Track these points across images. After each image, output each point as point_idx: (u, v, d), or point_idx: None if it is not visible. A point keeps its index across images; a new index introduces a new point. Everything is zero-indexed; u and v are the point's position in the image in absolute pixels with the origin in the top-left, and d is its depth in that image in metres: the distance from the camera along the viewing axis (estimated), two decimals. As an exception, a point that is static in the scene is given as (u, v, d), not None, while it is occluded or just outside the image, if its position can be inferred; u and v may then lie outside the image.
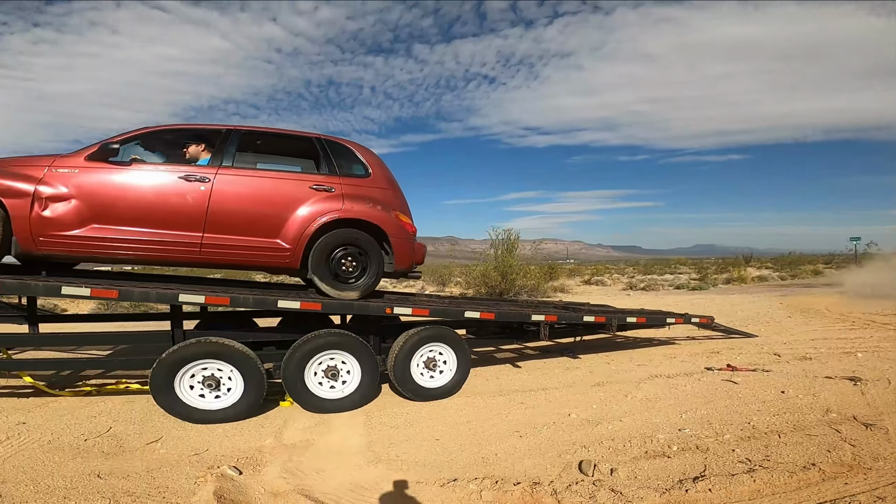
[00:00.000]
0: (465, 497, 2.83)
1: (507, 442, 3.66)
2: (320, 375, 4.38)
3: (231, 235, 4.40)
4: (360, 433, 3.89)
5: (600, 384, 5.27)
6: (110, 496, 2.75)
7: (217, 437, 3.71)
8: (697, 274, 27.45)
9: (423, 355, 4.83)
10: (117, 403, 4.40)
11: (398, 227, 4.88)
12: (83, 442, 3.52)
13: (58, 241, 4.08)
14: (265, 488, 2.95)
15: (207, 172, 4.40)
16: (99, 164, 4.20)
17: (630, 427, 3.88)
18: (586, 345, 7.65)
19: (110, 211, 4.17)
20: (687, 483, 2.86)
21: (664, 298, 15.88)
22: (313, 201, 4.58)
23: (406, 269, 5.02)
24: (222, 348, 4.03)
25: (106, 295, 3.89)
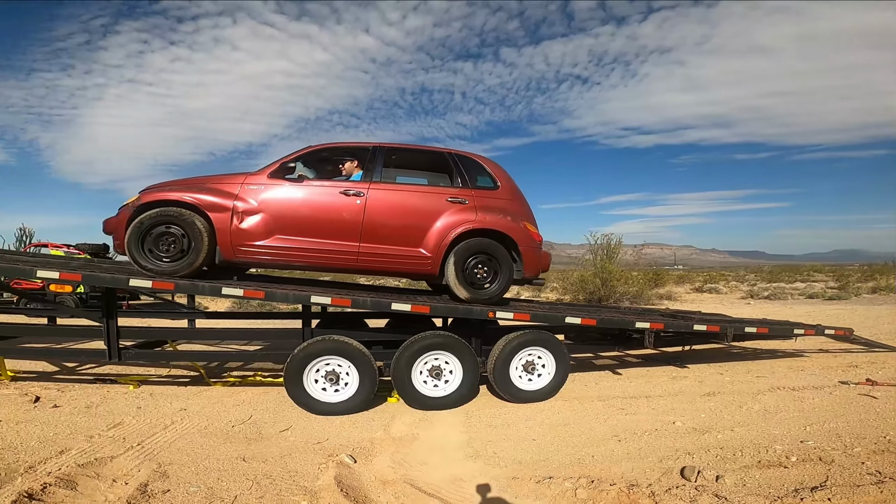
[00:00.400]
0: (559, 493, 2.91)
1: (604, 445, 3.66)
2: (425, 374, 4.68)
3: (382, 245, 4.84)
4: (460, 430, 4.11)
5: (711, 394, 5.00)
6: (253, 478, 3.15)
7: (335, 428, 4.14)
8: (836, 282, 24.13)
9: (522, 359, 4.94)
10: (255, 394, 5.05)
11: (526, 236, 5.12)
12: (231, 428, 4.08)
13: (251, 251, 4.68)
14: (376, 476, 3.25)
15: (362, 187, 4.88)
16: (278, 180, 4.79)
17: (743, 437, 3.68)
18: (696, 355, 7.22)
19: (289, 222, 4.74)
20: (803, 492, 2.68)
21: (793, 309, 14.28)
22: (450, 213, 4.93)
23: (533, 277, 5.23)
24: (344, 346, 4.49)
25: (255, 295, 4.50)
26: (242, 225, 4.63)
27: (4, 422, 3.77)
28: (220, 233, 4.61)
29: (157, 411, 4.33)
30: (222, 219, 4.61)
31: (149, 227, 4.50)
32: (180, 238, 4.53)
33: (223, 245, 4.63)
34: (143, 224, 4.49)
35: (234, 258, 4.69)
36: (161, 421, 4.06)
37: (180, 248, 4.54)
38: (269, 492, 2.93)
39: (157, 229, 4.52)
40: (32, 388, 4.75)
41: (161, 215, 4.52)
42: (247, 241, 4.64)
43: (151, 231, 4.51)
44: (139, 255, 4.51)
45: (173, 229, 4.53)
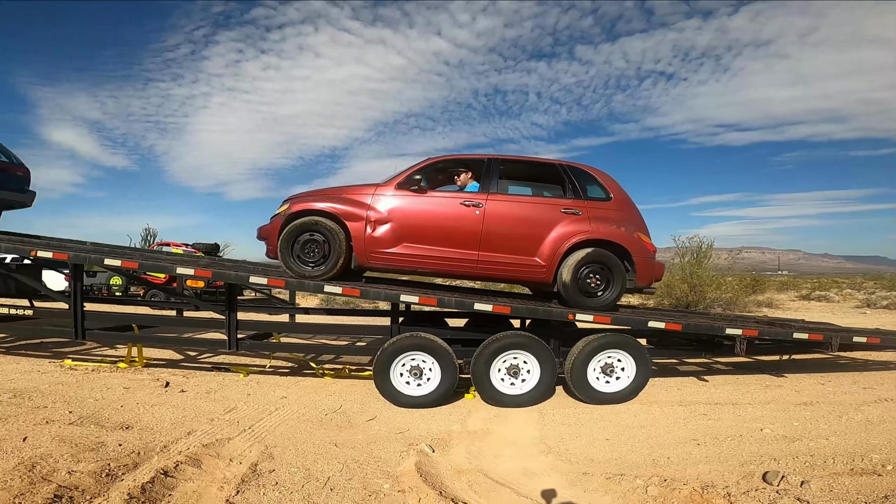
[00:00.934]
0: (629, 490, 2.96)
1: (682, 448, 3.62)
2: (503, 372, 4.85)
3: (499, 253, 5.08)
4: (533, 427, 4.24)
5: (807, 403, 4.70)
6: (343, 461, 3.47)
7: (415, 420, 4.42)
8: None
9: (601, 361, 4.95)
10: (345, 385, 5.49)
11: (640, 246, 5.20)
12: (324, 416, 4.49)
13: (382, 257, 5.04)
14: (452, 465, 3.46)
15: (480, 199, 5.13)
16: (405, 191, 5.10)
17: (837, 446, 3.48)
18: (796, 364, 6.72)
19: (415, 231, 5.05)
20: (894, 499, 2.52)
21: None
22: (564, 224, 5.08)
23: (645, 286, 5.31)
24: (429, 342, 4.79)
25: (352, 293, 4.94)
26: (375, 233, 4.99)
27: (142, 404, 4.43)
28: (355, 240, 5.00)
29: (264, 398, 4.86)
30: (358, 227, 4.99)
31: (296, 234, 4.99)
32: (322, 244, 4.98)
33: (358, 251, 5.01)
34: (292, 232, 4.98)
35: (367, 263, 5.09)
36: (267, 407, 4.57)
37: (322, 253, 4.99)
38: (357, 475, 3.23)
39: (303, 236, 4.99)
40: (162, 374, 5.52)
41: (307, 224, 4.98)
42: (378, 248, 5.00)
43: (299, 238, 5.00)
44: (289, 259, 5.01)
45: (316, 236, 4.99)
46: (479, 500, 2.98)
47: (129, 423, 3.91)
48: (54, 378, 5.13)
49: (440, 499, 2.93)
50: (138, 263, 5.19)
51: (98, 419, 3.96)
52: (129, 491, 2.72)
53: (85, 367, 5.68)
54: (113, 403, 4.38)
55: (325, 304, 12.34)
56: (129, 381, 5.18)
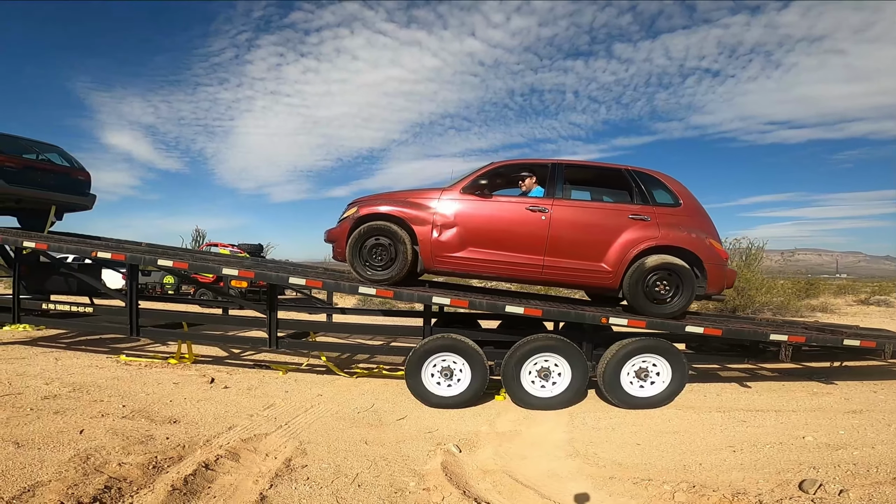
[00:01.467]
0: (656, 495, 2.92)
1: (716, 455, 3.52)
2: (534, 375, 4.84)
3: (565, 259, 5.09)
4: (562, 430, 4.22)
5: (856, 412, 4.47)
6: (372, 459, 3.57)
7: (444, 420, 4.48)
8: None
9: (636, 365, 4.87)
10: (377, 385, 5.61)
11: (712, 253, 5.15)
12: (356, 414, 4.62)
13: (448, 261, 5.09)
14: (478, 466, 3.50)
15: (546, 204, 5.13)
16: (471, 196, 5.15)
17: (883, 454, 3.31)
18: (847, 371, 6.35)
19: (481, 236, 5.10)
20: (942, 515, 2.38)
21: None
22: (632, 230, 5.06)
23: (715, 293, 5.24)
24: (460, 343, 4.85)
25: (386, 294, 5.05)
26: (441, 237, 5.06)
27: (188, 399, 4.68)
28: (422, 244, 5.07)
29: (301, 395, 5.05)
30: (424, 231, 5.06)
31: (364, 238, 5.09)
32: (389, 248, 5.08)
33: (425, 255, 5.08)
34: (360, 235, 5.08)
35: (433, 267, 5.14)
36: (303, 404, 4.75)
37: (389, 257, 5.08)
38: (384, 472, 3.32)
39: (370, 240, 5.09)
40: (209, 371, 5.82)
41: (374, 228, 5.09)
42: (445, 252, 5.07)
43: (366, 242, 5.10)
44: (357, 262, 5.12)
45: (383, 240, 5.08)
46: (502, 501, 3.01)
47: (176, 418, 4.15)
48: (111, 373, 5.49)
49: (463, 498, 2.97)
50: (188, 264, 5.51)
51: (149, 413, 4.22)
52: (173, 483, 2.90)
53: (139, 362, 6.06)
54: (163, 398, 4.66)
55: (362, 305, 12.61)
56: (178, 376, 5.50)
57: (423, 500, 2.95)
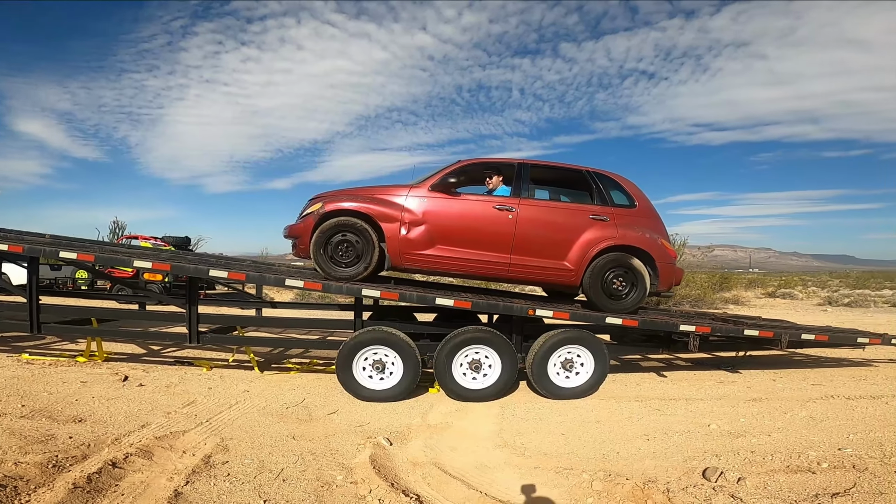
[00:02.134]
0: (576, 484, 3.05)
1: (632, 443, 3.73)
2: (465, 367, 4.91)
3: (530, 257, 5.23)
4: (492, 421, 4.31)
5: (756, 399, 4.88)
6: (299, 454, 3.51)
7: (377, 414, 4.46)
8: (935, 287, 21.75)
9: (561, 356, 5.05)
10: (310, 379, 5.50)
11: (663, 252, 5.44)
12: (285, 409, 4.50)
13: (416, 258, 5.12)
14: (408, 458, 3.52)
15: (513, 203, 5.25)
16: (439, 193, 5.17)
17: (778, 442, 3.63)
18: (752, 361, 6.96)
19: (449, 234, 5.14)
20: (823, 497, 2.67)
21: (873, 317, 13.12)
22: (593, 229, 5.28)
23: (666, 290, 5.58)
24: (391, 336, 4.82)
25: (314, 287, 4.92)
26: (409, 235, 5.05)
27: (97, 398, 4.36)
28: (389, 241, 5.04)
29: (225, 392, 4.85)
30: (392, 228, 5.04)
31: (330, 234, 5.00)
32: (355, 245, 5.02)
33: (392, 252, 5.06)
34: (325, 231, 4.98)
35: (401, 265, 5.15)
36: (227, 401, 4.56)
37: (356, 254, 5.03)
38: (312, 466, 3.29)
39: (336, 237, 5.01)
40: (122, 368, 5.45)
41: (341, 224, 4.99)
42: (413, 249, 5.08)
43: (332, 238, 5.01)
44: (322, 259, 5.02)
45: (349, 237, 5.01)
46: (431, 493, 3.04)
47: (82, 417, 3.87)
48: (10, 372, 5.02)
49: (391, 490, 2.99)
50: (95, 256, 5.07)
51: (51, 413, 3.90)
52: (75, 481, 2.72)
53: (42, 361, 5.56)
54: (67, 397, 4.32)
55: (300, 299, 12.26)
56: (86, 375, 5.10)
57: (351, 493, 2.94)
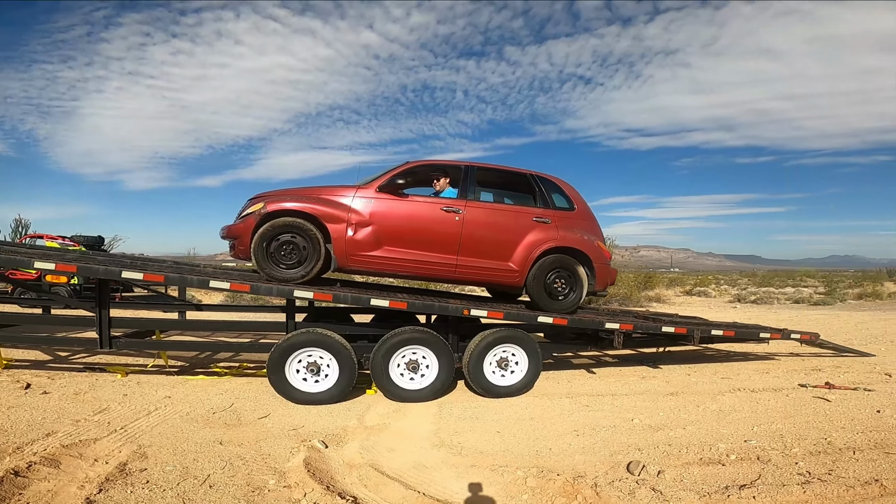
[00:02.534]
0: (511, 481, 3.14)
1: (563, 439, 3.88)
2: (402, 367, 4.90)
3: (477, 258, 5.33)
4: (430, 421, 4.34)
5: (674, 394, 5.23)
6: (227, 459, 3.37)
7: (312, 416, 4.35)
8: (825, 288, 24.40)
9: (497, 355, 5.16)
10: (240, 384, 5.27)
11: (599, 253, 5.70)
12: (211, 414, 4.30)
13: (363, 260, 5.08)
14: (344, 460, 3.47)
15: (459, 205, 5.31)
16: (386, 194, 5.15)
17: (692, 435, 3.90)
18: (671, 356, 7.46)
19: (397, 235, 5.13)
20: (732, 489, 2.90)
21: (776, 313, 14.54)
22: (536, 231, 5.45)
23: (601, 289, 5.82)
24: (326, 338, 4.70)
25: (241, 289, 4.69)
26: (356, 236, 5.00)
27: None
28: (336, 242, 4.96)
29: (143, 398, 4.54)
30: (339, 229, 4.96)
31: (273, 235, 4.84)
32: (300, 246, 4.89)
33: (339, 254, 4.99)
34: (268, 232, 4.82)
35: (347, 266, 5.08)
36: (145, 407, 4.27)
37: (301, 256, 4.90)
38: (241, 471, 3.17)
39: (279, 238, 4.86)
40: (24, 376, 4.97)
41: (284, 225, 4.85)
42: (360, 251, 5.03)
43: (275, 239, 4.86)
44: (264, 261, 4.86)
45: (294, 238, 4.88)
46: (368, 494, 3.02)
47: (-25, 428, 3.48)
48: None
49: (327, 493, 2.94)
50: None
51: (-62, 425, 3.48)
52: (-30, 494, 2.46)
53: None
54: (-42, 407, 3.86)
55: (231, 301, 11.69)
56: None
57: (284, 497, 2.86)
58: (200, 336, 6.85)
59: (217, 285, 4.64)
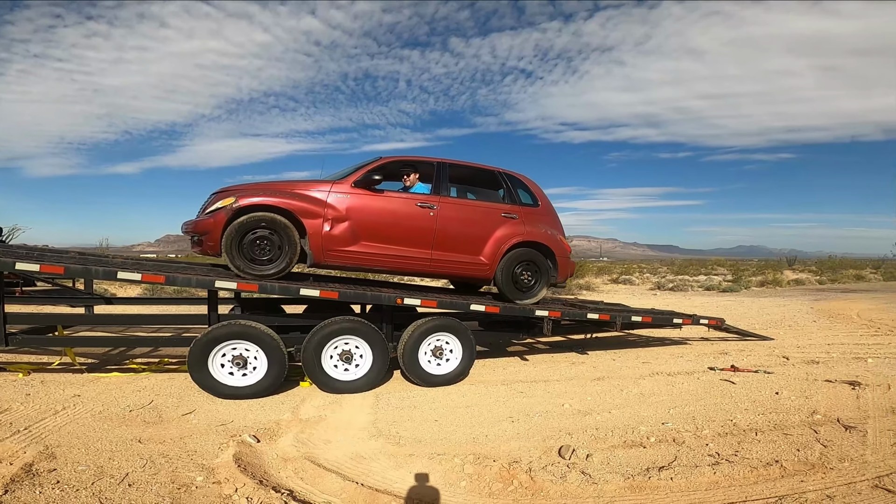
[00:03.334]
0: (448, 468, 3.19)
1: (499, 426, 3.99)
2: (336, 358, 4.82)
3: (450, 252, 5.51)
4: (367, 412, 4.30)
5: (600, 378, 5.52)
6: (147, 457, 3.21)
7: (242, 411, 4.19)
8: (732, 276, 26.75)
9: (431, 344, 5.21)
10: (160, 380, 4.97)
11: (561, 247, 6.05)
12: (128, 413, 4.04)
13: (339, 255, 5.07)
14: (277, 454, 3.38)
15: (434, 201, 5.46)
16: (362, 190, 5.16)
17: (617, 418, 4.14)
18: (598, 342, 7.86)
19: (374, 230, 5.17)
20: (652, 471, 3.11)
21: (691, 299, 15.72)
22: (504, 227, 5.73)
23: (562, 281, 6.21)
24: (250, 330, 4.51)
25: (154, 280, 4.39)
26: (333, 231, 5.00)
27: None
28: (312, 237, 4.94)
29: (48, 398, 4.18)
30: (315, 224, 4.94)
31: (245, 231, 4.72)
32: (273, 242, 4.82)
33: (315, 249, 4.98)
34: (241, 228, 4.69)
35: (324, 261, 5.09)
36: (52, 406, 3.94)
37: (274, 251, 4.84)
38: (164, 469, 3.03)
39: (251, 233, 4.75)
40: None
41: (258, 220, 4.75)
42: (336, 246, 5.04)
43: (248, 235, 4.75)
44: (237, 257, 4.73)
45: (269, 234, 4.80)
46: (304, 486, 2.97)
47: None
48: None
49: (260, 487, 2.87)
50: None
51: None
52: None
53: None
54: None
55: (150, 294, 10.90)
56: None
57: (214, 493, 2.77)
58: (114, 331, 6.35)
59: (127, 276, 4.31)
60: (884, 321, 9.98)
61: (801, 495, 2.82)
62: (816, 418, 4.07)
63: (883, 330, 8.83)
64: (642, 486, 2.97)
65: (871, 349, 7.00)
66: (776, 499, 2.78)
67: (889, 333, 8.42)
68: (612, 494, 2.89)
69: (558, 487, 2.96)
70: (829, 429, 3.82)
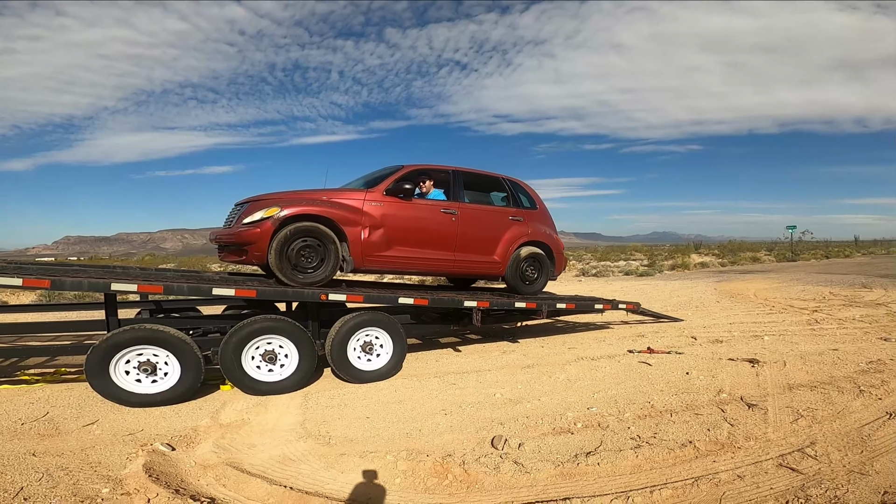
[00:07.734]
0: (381, 466, 3.13)
1: (432, 419, 3.97)
2: (258, 359, 4.58)
3: (469, 253, 6.10)
4: (295, 413, 4.13)
5: (530, 366, 5.66)
6: (44, 471, 2.93)
7: (154, 419, 3.88)
8: (647, 261, 28.67)
9: (360, 340, 5.09)
10: (56, 391, 4.49)
11: (558, 245, 6.99)
12: (20, 426, 3.64)
13: (377, 260, 5.40)
14: (196, 461, 3.18)
15: (455, 207, 6.00)
16: (393, 198, 5.51)
17: (546, 405, 4.26)
18: (527, 330, 8.09)
19: (406, 235, 5.57)
20: (581, 457, 3.22)
21: (612, 284, 16.59)
22: (513, 228, 6.48)
23: (558, 274, 7.08)
24: (157, 334, 4.16)
25: (38, 284, 3.94)
26: (371, 238, 5.32)
27: None
28: (352, 244, 5.23)
29: (-82, 414, 3.61)
30: (355, 232, 5.24)
31: (291, 240, 4.87)
32: (318, 249, 5.01)
33: (355, 255, 5.26)
34: (287, 237, 4.84)
35: (364, 266, 5.38)
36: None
37: (319, 258, 5.03)
38: (64, 482, 2.81)
39: (297, 243, 4.90)
40: None
41: (303, 229, 4.92)
42: (375, 251, 5.37)
43: (293, 244, 4.89)
44: (285, 266, 4.86)
45: (311, 241, 4.96)
46: (227, 493, 2.82)
47: None
48: None
49: (176, 496, 2.70)
50: None
51: None
52: None
53: None
54: None
55: (45, 300, 9.80)
56: None
57: None
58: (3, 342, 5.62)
59: (5, 282, 3.85)
60: (777, 300, 11.09)
61: (714, 475, 2.97)
62: (723, 397, 4.39)
63: (777, 308, 9.80)
64: (572, 472, 3.06)
65: (767, 327, 7.74)
66: (693, 479, 2.93)
67: (782, 311, 9.36)
68: (545, 483, 2.96)
69: (492, 479, 2.99)
70: (734, 407, 4.09)
